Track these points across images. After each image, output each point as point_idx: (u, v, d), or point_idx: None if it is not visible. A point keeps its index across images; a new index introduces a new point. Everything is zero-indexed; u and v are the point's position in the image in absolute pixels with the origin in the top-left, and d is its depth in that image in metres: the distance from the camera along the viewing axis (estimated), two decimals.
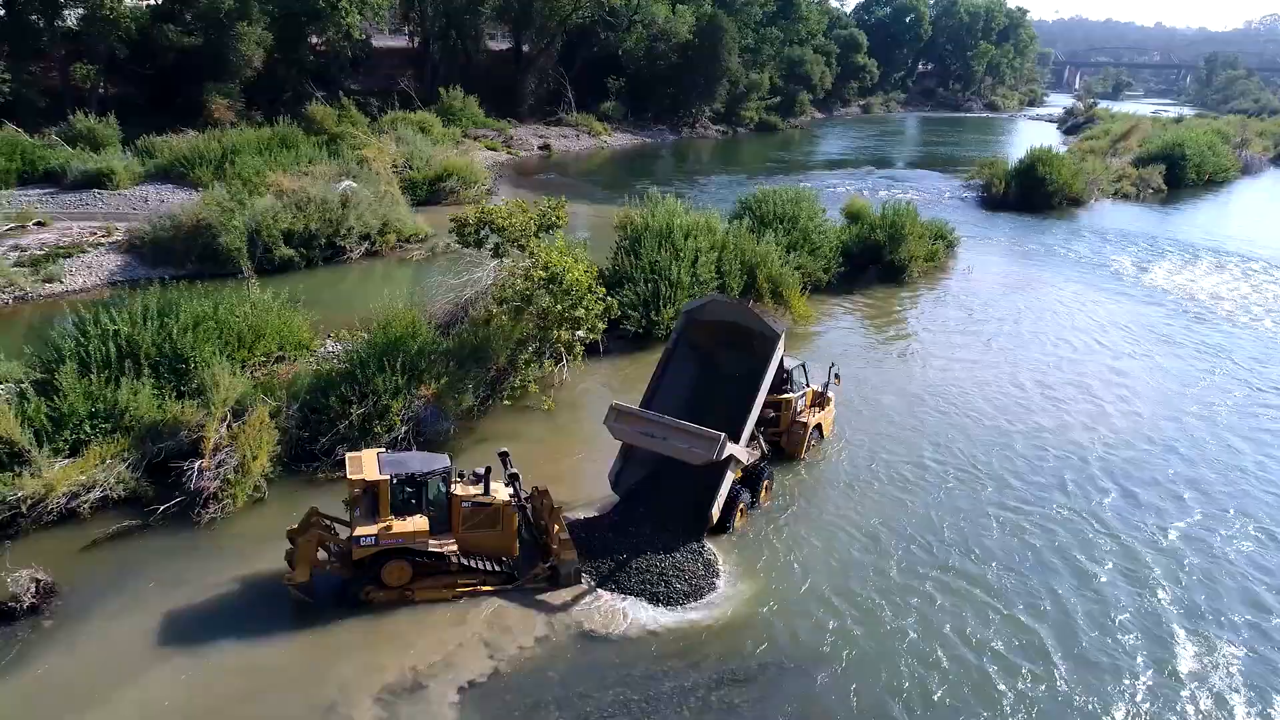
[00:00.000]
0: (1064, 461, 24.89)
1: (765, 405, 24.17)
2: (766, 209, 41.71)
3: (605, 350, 30.91)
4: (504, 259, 26.10)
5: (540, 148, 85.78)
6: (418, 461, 17.98)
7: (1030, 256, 51.44)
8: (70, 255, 36.98)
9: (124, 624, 16.52)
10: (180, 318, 23.62)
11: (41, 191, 47.39)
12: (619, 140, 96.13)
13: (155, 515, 19.82)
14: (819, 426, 25.12)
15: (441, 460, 18.19)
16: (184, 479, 20.16)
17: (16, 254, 36.48)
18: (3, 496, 18.67)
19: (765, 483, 21.93)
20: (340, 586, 17.47)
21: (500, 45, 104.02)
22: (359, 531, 16.97)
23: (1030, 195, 63.89)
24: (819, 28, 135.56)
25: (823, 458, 24.66)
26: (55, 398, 20.71)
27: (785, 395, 24.33)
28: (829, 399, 25.99)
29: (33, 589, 16.70)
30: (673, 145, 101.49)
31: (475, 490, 18.21)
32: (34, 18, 67.50)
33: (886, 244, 42.80)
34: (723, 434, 18.35)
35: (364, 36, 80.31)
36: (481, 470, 18.46)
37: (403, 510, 17.39)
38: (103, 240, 39.00)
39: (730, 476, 19.40)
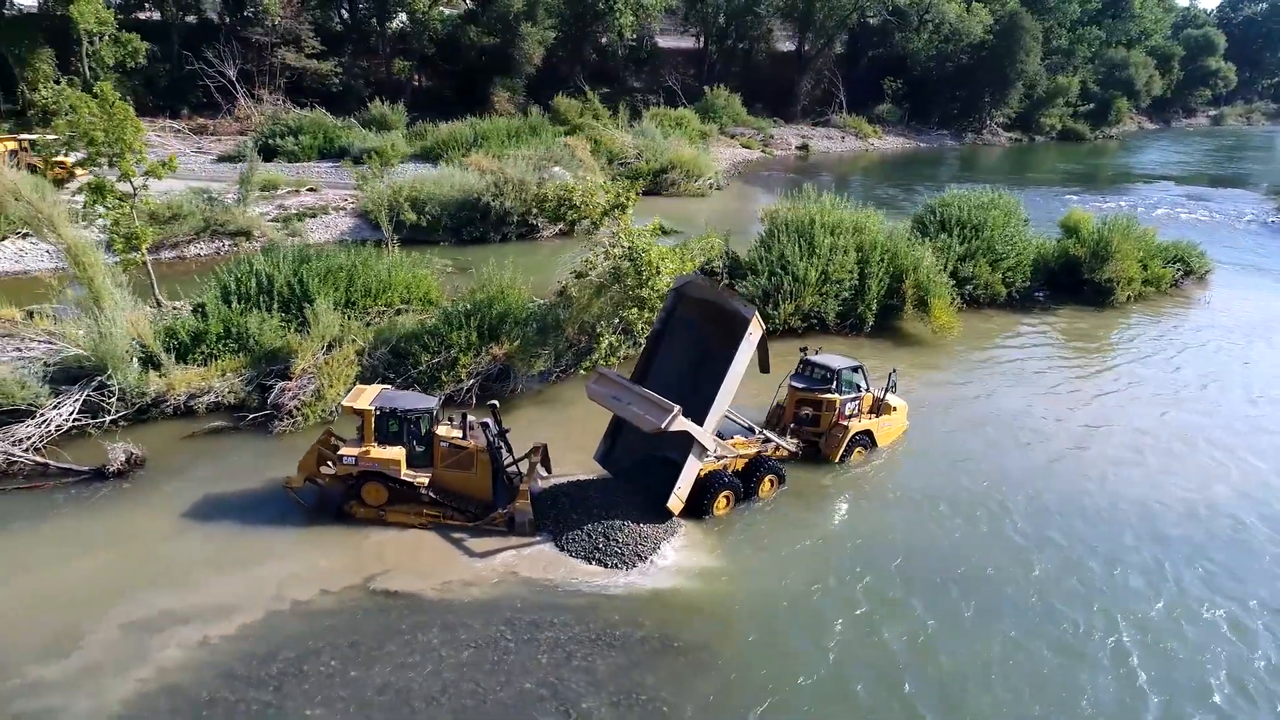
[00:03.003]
0: (1123, 526, 20.90)
1: (805, 403, 23.75)
2: (949, 214, 39.10)
3: None
4: (588, 235, 27.64)
5: (798, 148, 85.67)
6: (407, 400, 20.18)
7: None
8: (315, 216, 44.29)
9: (173, 496, 20.42)
10: (313, 265, 27.93)
11: (331, 164, 56.77)
12: (889, 144, 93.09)
13: (245, 421, 24.02)
14: (869, 433, 23.82)
15: (428, 402, 20.25)
16: (267, 396, 24.19)
17: (277, 211, 44.39)
18: (139, 389, 23.71)
19: (769, 477, 21.47)
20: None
21: (786, 47, 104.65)
22: (342, 452, 19.54)
23: None
24: (1157, 28, 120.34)
25: (862, 467, 23.37)
26: (198, 318, 25.71)
27: (827, 395, 23.48)
28: (892, 408, 24.51)
29: (122, 459, 21.18)
30: (953, 151, 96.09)
31: (455, 434, 20.09)
32: (372, 20, 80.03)
33: (1088, 261, 38.26)
34: (677, 407, 18.48)
35: (635, 36, 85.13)
36: (473, 417, 20.35)
37: (389, 440, 19.69)
38: (345, 206, 46.04)
39: (694, 461, 19.36)
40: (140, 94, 68.49)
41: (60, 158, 39.38)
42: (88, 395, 23.22)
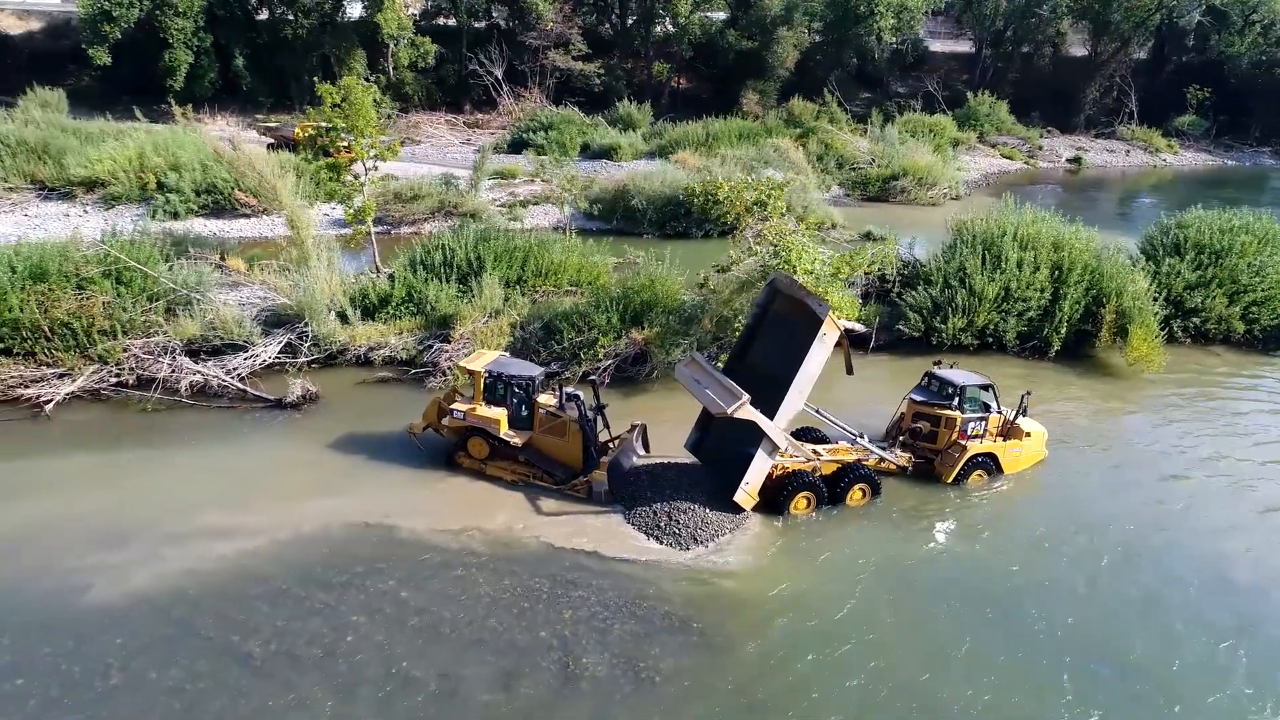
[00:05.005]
0: (1197, 606, 17.91)
1: (922, 417, 22.73)
2: (1185, 236, 34.66)
3: (873, 346, 30.53)
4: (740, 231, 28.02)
5: (1069, 160, 78.49)
6: (515, 367, 22.01)
7: None
8: (538, 204, 48.04)
9: (325, 431, 23.79)
10: (491, 244, 30.81)
11: (582, 159, 60.95)
12: (1186, 160, 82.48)
13: (408, 375, 27.24)
14: (993, 457, 22.24)
15: (534, 370, 21.94)
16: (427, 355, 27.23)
17: (507, 197, 48.73)
18: (330, 339, 27.68)
19: (860, 486, 20.85)
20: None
21: (1077, 51, 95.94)
22: (453, 406, 21.77)
23: None
24: None
25: (973, 492, 21.86)
26: (388, 283, 29.40)
27: (946, 412, 22.25)
28: (1024, 433, 22.66)
29: (299, 393, 25.00)
30: (1276, 171, 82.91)
31: (553, 403, 21.64)
32: (639, 27, 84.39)
33: None
34: (746, 395, 18.67)
35: (898, 40, 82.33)
36: (571, 390, 21.87)
37: (495, 401, 21.65)
38: (568, 196, 49.42)
39: (763, 456, 19.36)
40: (433, 91, 77.74)
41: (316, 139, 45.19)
42: (290, 339, 27.52)
